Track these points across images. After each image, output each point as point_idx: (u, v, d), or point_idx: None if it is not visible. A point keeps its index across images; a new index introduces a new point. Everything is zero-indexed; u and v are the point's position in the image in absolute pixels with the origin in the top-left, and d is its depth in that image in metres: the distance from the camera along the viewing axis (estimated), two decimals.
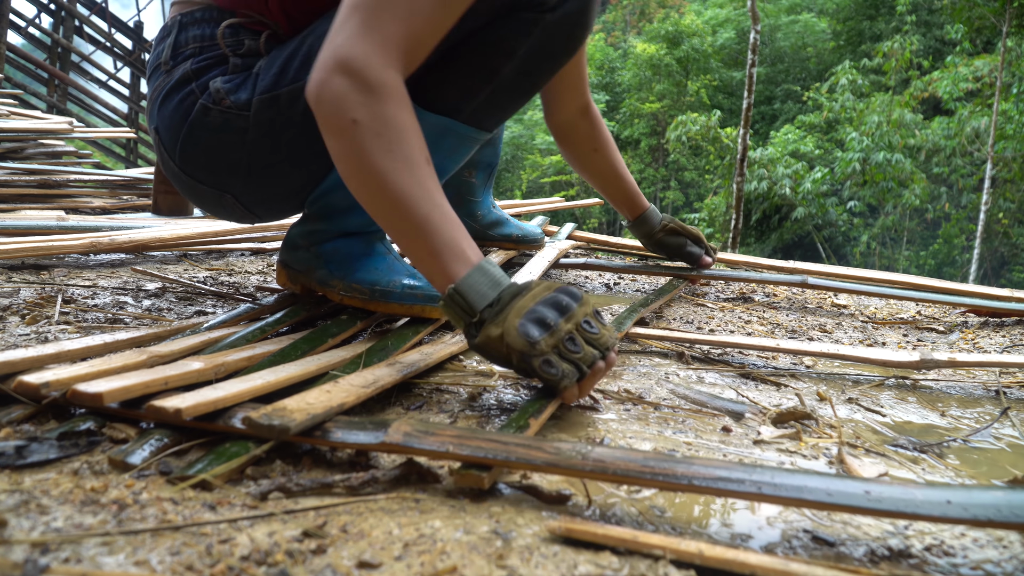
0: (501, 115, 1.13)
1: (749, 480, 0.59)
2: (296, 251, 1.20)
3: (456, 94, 1.08)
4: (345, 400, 0.75)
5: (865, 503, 0.57)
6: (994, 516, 0.54)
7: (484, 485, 0.65)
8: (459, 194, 1.74)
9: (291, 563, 0.52)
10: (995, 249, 15.55)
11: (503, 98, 1.10)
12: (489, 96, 1.08)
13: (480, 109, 1.10)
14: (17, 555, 0.50)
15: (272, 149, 1.10)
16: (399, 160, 0.85)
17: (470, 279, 0.86)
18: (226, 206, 1.20)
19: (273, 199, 1.19)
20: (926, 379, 1.20)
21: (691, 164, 18.98)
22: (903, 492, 0.57)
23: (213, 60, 1.09)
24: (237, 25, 1.10)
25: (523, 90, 1.11)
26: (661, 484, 0.61)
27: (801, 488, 0.58)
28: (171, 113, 1.11)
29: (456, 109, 1.08)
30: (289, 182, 1.15)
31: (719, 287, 1.93)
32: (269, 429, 0.66)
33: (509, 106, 1.13)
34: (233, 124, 1.08)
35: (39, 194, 2.57)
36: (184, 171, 1.16)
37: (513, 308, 0.84)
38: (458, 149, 1.14)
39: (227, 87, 1.07)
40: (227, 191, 1.17)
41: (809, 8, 23.34)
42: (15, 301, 1.25)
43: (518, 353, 0.82)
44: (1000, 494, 0.56)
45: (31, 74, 8.36)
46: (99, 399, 0.69)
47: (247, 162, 1.11)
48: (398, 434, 0.68)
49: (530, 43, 1.04)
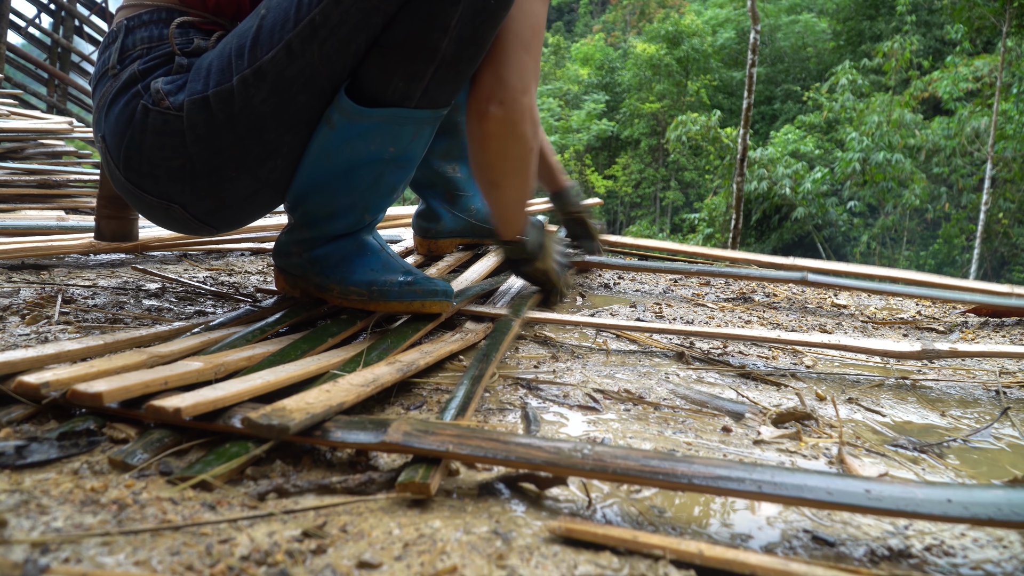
0: (454, 87, 1.10)
1: (749, 479, 0.59)
2: (289, 257, 1.19)
3: (402, 83, 1.04)
4: (345, 399, 0.75)
5: (866, 502, 0.57)
6: (994, 515, 0.54)
7: (430, 492, 0.63)
8: (448, 191, 1.74)
9: (291, 563, 0.52)
10: (995, 249, 15.55)
11: (450, 72, 1.06)
12: (435, 74, 1.05)
13: (430, 89, 1.06)
14: (17, 555, 0.50)
15: (212, 153, 1.03)
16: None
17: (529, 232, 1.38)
18: (176, 218, 1.13)
19: (226, 208, 1.11)
20: (926, 379, 1.20)
21: (691, 164, 18.99)
22: (903, 491, 0.57)
23: (160, 59, 1.05)
24: (188, 24, 1.07)
25: (468, 56, 1.07)
26: (661, 483, 0.61)
27: (801, 487, 0.58)
28: (116, 117, 1.06)
29: (405, 97, 1.05)
30: (237, 189, 1.08)
31: (719, 287, 1.93)
32: (268, 429, 0.66)
33: (459, 76, 1.09)
34: (172, 127, 1.02)
35: (39, 194, 2.57)
36: (129, 180, 1.10)
37: (549, 253, 1.45)
38: (420, 133, 1.12)
39: (167, 88, 1.03)
40: (174, 201, 1.10)
41: (809, 8, 23.34)
42: (15, 301, 1.25)
43: (552, 283, 1.48)
44: (1000, 493, 0.56)
45: (31, 74, 8.35)
46: (99, 399, 0.69)
47: (190, 168, 1.05)
48: (398, 433, 0.68)
49: (461, 9, 1.00)
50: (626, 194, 21.65)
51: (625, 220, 22.61)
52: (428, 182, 1.73)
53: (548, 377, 1.06)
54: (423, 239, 1.79)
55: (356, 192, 1.12)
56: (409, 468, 0.66)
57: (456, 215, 1.76)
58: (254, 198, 1.12)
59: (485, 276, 1.56)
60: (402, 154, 1.11)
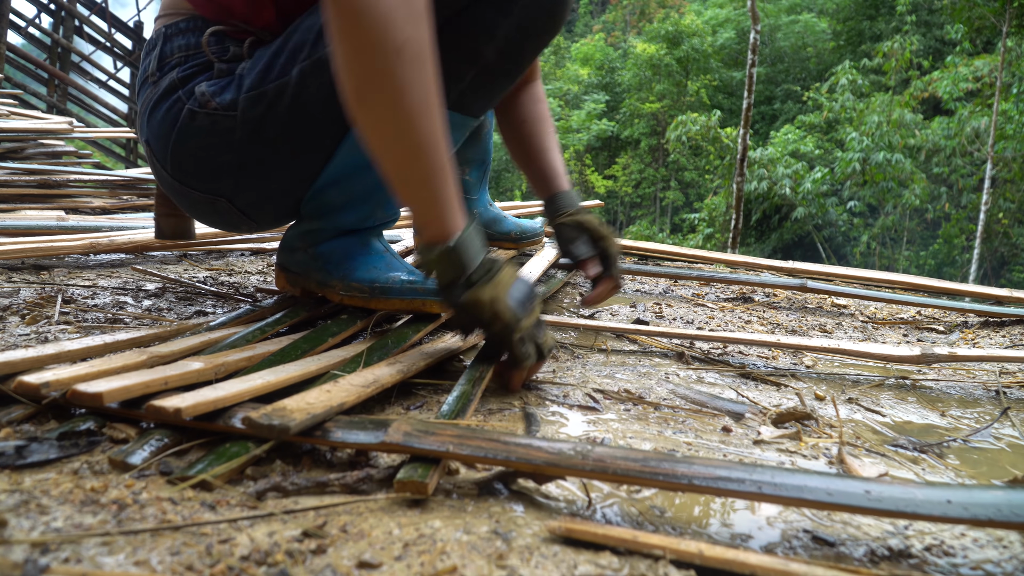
0: (487, 99, 1.11)
1: (749, 480, 0.59)
2: (294, 253, 1.20)
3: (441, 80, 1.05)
4: (345, 400, 0.75)
5: (865, 503, 0.57)
6: (994, 516, 0.54)
7: (427, 492, 0.63)
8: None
9: (291, 563, 0.52)
10: (995, 249, 15.55)
11: (487, 81, 1.08)
12: (474, 79, 1.06)
13: (466, 94, 1.08)
14: (17, 555, 0.50)
15: (260, 147, 1.09)
16: (432, 102, 0.83)
17: (468, 237, 0.89)
18: (221, 212, 1.19)
19: (266, 201, 1.17)
20: (926, 379, 1.20)
21: (691, 164, 19.00)
22: (903, 492, 0.57)
23: (199, 67, 1.11)
24: (221, 33, 1.11)
25: (507, 72, 1.08)
26: (661, 484, 0.61)
27: (801, 488, 0.58)
28: (160, 122, 1.13)
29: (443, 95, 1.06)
30: (280, 181, 1.14)
31: (719, 287, 1.93)
32: (269, 429, 0.66)
33: (495, 90, 1.10)
34: (220, 126, 1.09)
35: (39, 194, 2.57)
36: (176, 179, 1.17)
37: (501, 282, 0.91)
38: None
39: (212, 90, 1.09)
40: (220, 195, 1.16)
41: (809, 8, 23.34)
42: (15, 301, 1.25)
43: (504, 324, 0.90)
44: (1000, 494, 0.56)
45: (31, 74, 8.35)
46: (99, 399, 0.69)
47: (236, 162, 1.11)
48: (398, 434, 0.68)
49: (509, 21, 1.02)
50: (626, 194, 21.66)
51: (625, 220, 22.61)
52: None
53: (548, 377, 1.06)
54: None
55: (375, 184, 1.12)
56: (407, 467, 0.66)
57: None
58: (292, 192, 1.15)
59: None
60: None
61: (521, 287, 0.94)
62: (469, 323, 0.94)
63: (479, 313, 0.90)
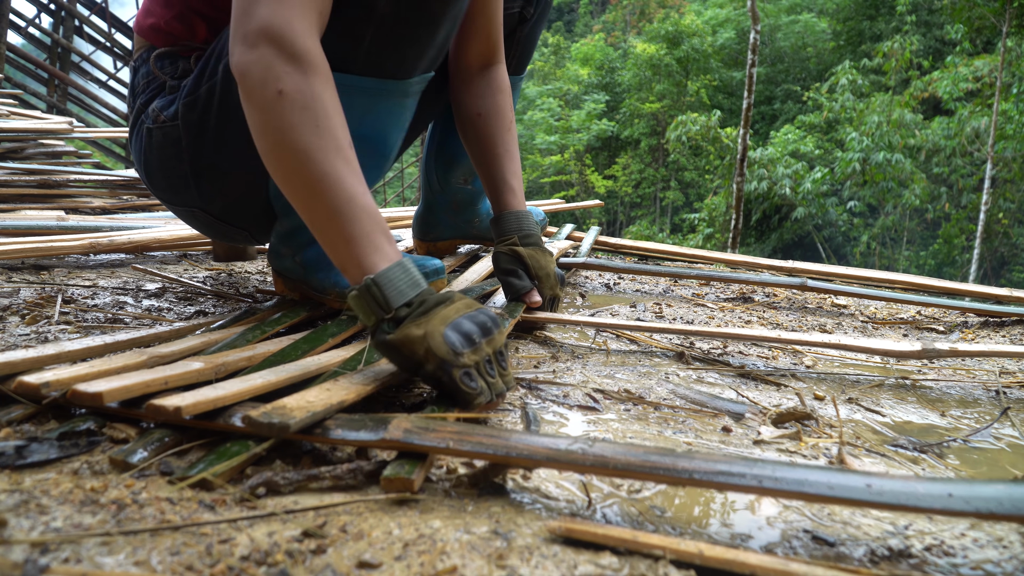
0: (400, 55, 1.03)
1: (750, 474, 0.59)
2: (282, 259, 1.20)
3: (341, 45, 1.00)
4: (345, 398, 0.75)
5: (867, 496, 0.56)
6: (995, 509, 0.54)
7: (414, 488, 0.64)
8: (456, 202, 1.70)
9: (291, 563, 0.52)
10: (995, 249, 15.55)
11: (392, 35, 1.01)
12: (375, 37, 1.00)
13: (372, 54, 1.02)
14: (17, 555, 0.50)
15: (206, 150, 1.12)
16: (325, 138, 0.83)
17: (390, 273, 0.83)
18: (204, 222, 1.24)
19: (234, 204, 1.19)
20: (926, 379, 1.20)
21: (691, 164, 18.99)
22: (904, 485, 0.57)
23: (155, 89, 1.18)
24: (173, 54, 1.17)
25: (412, 20, 1.01)
26: (662, 478, 0.61)
27: (802, 482, 0.58)
28: (135, 147, 1.21)
29: (348, 60, 1.01)
30: (236, 182, 1.14)
31: (719, 287, 1.93)
32: (269, 427, 0.66)
33: (405, 42, 1.03)
34: (170, 137, 1.13)
35: (39, 194, 2.57)
36: (159, 198, 1.24)
37: (438, 314, 0.82)
38: (373, 109, 1.07)
39: (161, 104, 1.15)
40: (192, 206, 1.21)
41: (809, 8, 23.34)
42: (15, 301, 1.25)
43: (438, 360, 0.79)
44: (1002, 487, 0.56)
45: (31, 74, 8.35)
46: (99, 399, 0.69)
47: (191, 171, 1.15)
48: (398, 431, 0.68)
49: None
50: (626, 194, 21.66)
51: (625, 220, 22.62)
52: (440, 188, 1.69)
53: (548, 377, 1.06)
54: (422, 241, 1.78)
55: None
56: (395, 463, 0.66)
57: (458, 224, 1.75)
58: (253, 191, 1.15)
59: (485, 277, 1.56)
60: (359, 128, 1.06)
61: (474, 318, 0.84)
62: (404, 364, 0.83)
63: (408, 353, 0.81)
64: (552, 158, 20.54)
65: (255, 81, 0.83)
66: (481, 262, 1.66)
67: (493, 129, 1.30)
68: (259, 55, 0.83)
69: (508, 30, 1.49)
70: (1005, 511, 0.54)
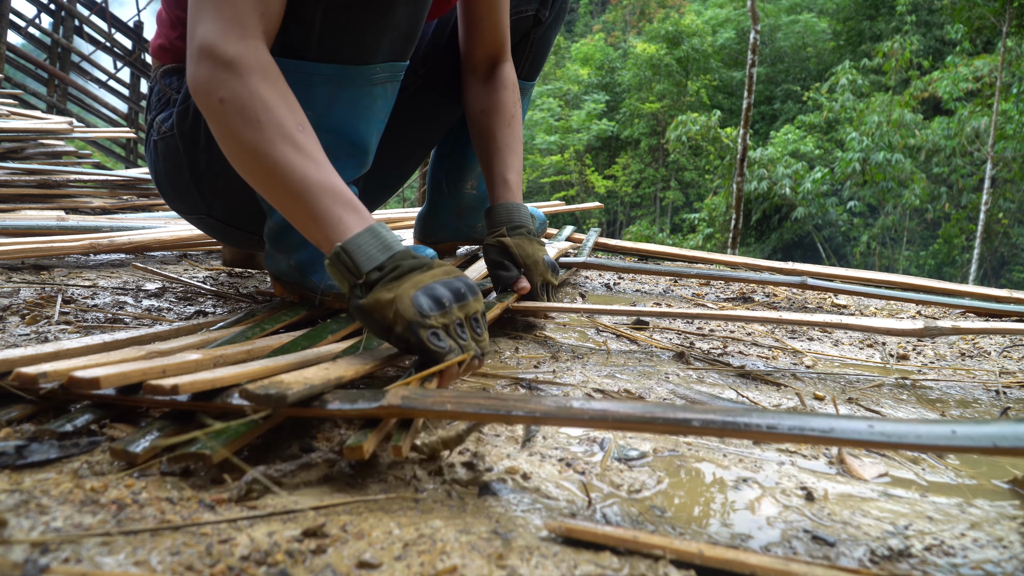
0: (354, 38, 1.02)
1: (749, 422, 0.59)
2: (278, 263, 1.20)
3: (294, 30, 0.99)
4: (343, 374, 0.75)
5: (868, 436, 0.56)
6: (999, 443, 0.54)
7: (364, 455, 0.63)
8: (462, 207, 1.69)
9: (291, 563, 0.52)
10: (995, 249, 15.56)
11: (342, 16, 0.99)
12: (324, 19, 0.99)
13: (325, 38, 1.00)
14: (17, 555, 0.50)
15: (201, 156, 1.17)
16: (267, 130, 0.86)
17: (359, 239, 0.85)
18: (213, 227, 1.29)
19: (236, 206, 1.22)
20: (926, 379, 1.20)
21: (691, 164, 19.00)
22: (907, 427, 0.57)
23: (163, 104, 1.23)
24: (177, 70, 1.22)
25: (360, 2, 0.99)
26: (660, 427, 0.60)
27: (801, 427, 0.58)
28: (149, 162, 1.27)
29: (303, 47, 1.01)
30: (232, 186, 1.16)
31: (719, 287, 1.93)
32: (267, 399, 0.65)
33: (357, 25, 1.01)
34: (171, 147, 1.19)
35: (39, 194, 2.57)
36: (174, 208, 1.29)
37: (410, 279, 0.83)
38: (337, 97, 1.05)
39: (163, 117, 1.21)
40: (199, 212, 1.26)
41: (809, 8, 23.35)
42: (15, 301, 1.25)
43: (405, 322, 0.80)
44: (1005, 425, 0.56)
45: (31, 74, 8.36)
46: (96, 383, 0.69)
47: (192, 177, 1.20)
48: (396, 398, 0.67)
49: None
50: (626, 194, 21.67)
51: (625, 220, 22.62)
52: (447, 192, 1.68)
53: (548, 377, 1.06)
54: (423, 242, 1.78)
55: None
56: (356, 434, 0.66)
57: (460, 228, 1.75)
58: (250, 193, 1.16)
59: (485, 276, 1.56)
60: (324, 119, 1.05)
61: (449, 284, 0.85)
62: (376, 329, 0.84)
63: (378, 317, 0.82)
64: (552, 158, 20.55)
65: (202, 94, 0.88)
66: (480, 262, 1.67)
67: (493, 124, 1.32)
68: (201, 70, 0.88)
69: (522, 33, 1.47)
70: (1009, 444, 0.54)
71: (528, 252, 1.27)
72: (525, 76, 1.54)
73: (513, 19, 1.45)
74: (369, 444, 0.65)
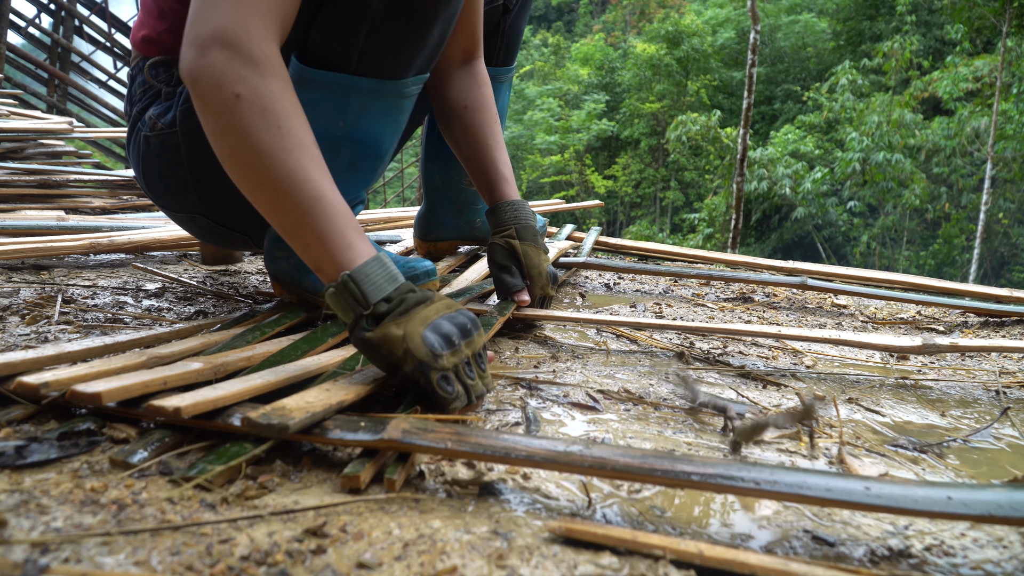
0: (395, 54, 1.03)
1: (748, 477, 0.59)
2: (278, 263, 1.20)
3: (336, 44, 1.01)
4: (344, 398, 0.75)
5: (865, 499, 0.56)
6: (995, 512, 0.54)
7: (360, 485, 0.65)
8: (459, 202, 1.70)
9: (291, 563, 0.52)
10: (995, 249, 15.55)
11: (386, 34, 1.01)
12: (369, 35, 1.00)
13: (367, 53, 1.02)
14: (17, 555, 0.50)
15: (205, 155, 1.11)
16: (288, 139, 0.82)
17: (367, 268, 0.82)
18: (205, 228, 1.25)
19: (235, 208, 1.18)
20: (926, 379, 1.20)
21: (691, 164, 18.99)
22: (904, 489, 0.57)
23: (151, 97, 1.19)
24: (167, 62, 1.17)
25: (406, 19, 1.00)
26: (660, 480, 0.61)
27: (800, 484, 0.58)
28: (132, 155, 1.22)
29: (344, 60, 1.02)
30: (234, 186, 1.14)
31: (719, 287, 1.93)
32: (268, 428, 0.66)
33: (398, 42, 1.02)
34: (168, 144, 1.15)
35: (39, 194, 2.57)
36: (157, 204, 1.25)
37: (418, 314, 0.81)
38: (369, 108, 1.07)
39: (158, 112, 1.16)
40: (193, 212, 1.22)
41: (809, 8, 23.34)
42: (15, 301, 1.25)
43: (417, 362, 0.78)
44: (1001, 491, 0.56)
45: (31, 74, 8.35)
46: (98, 399, 0.69)
47: (191, 176, 1.16)
48: (397, 431, 0.68)
49: None
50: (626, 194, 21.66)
51: (625, 220, 22.62)
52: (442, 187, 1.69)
53: (548, 377, 1.06)
54: (423, 241, 1.78)
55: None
56: (355, 462, 0.67)
57: (459, 225, 1.75)
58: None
59: (485, 276, 1.56)
60: (354, 130, 1.08)
61: (454, 319, 0.84)
62: (382, 364, 0.82)
63: (387, 352, 0.80)
64: (552, 158, 20.54)
65: (208, 86, 0.81)
66: (480, 262, 1.67)
67: (481, 121, 1.30)
68: (212, 60, 0.81)
69: (493, 23, 1.50)
70: (1004, 514, 0.54)
71: (534, 263, 1.27)
72: (502, 62, 1.56)
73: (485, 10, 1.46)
74: (366, 475, 0.66)
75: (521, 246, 1.26)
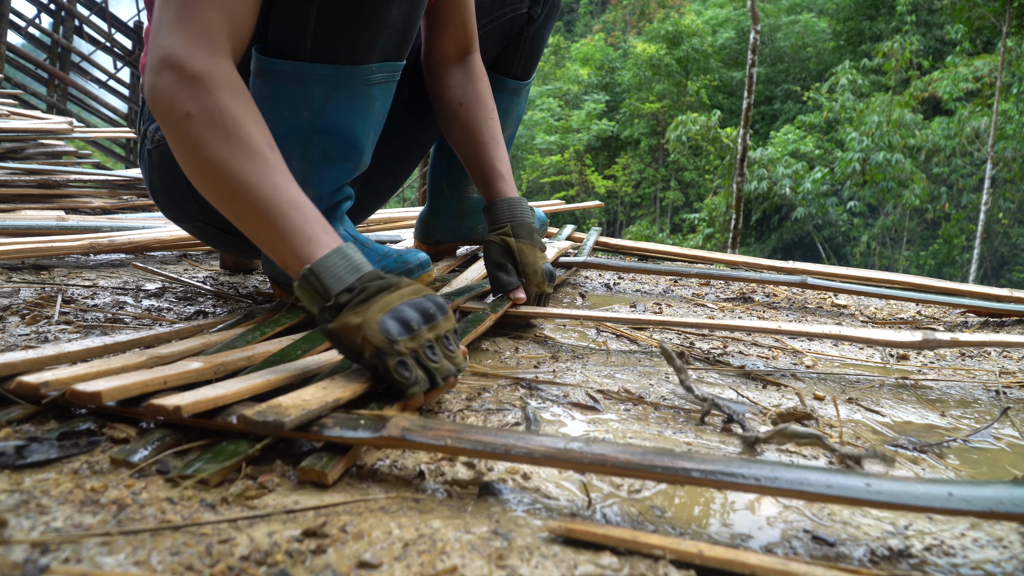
0: (349, 37, 1.01)
1: (748, 473, 0.59)
2: (273, 265, 1.21)
3: (289, 30, 1.00)
4: (341, 396, 0.75)
5: (865, 495, 0.56)
6: (996, 508, 0.54)
7: (328, 481, 0.65)
8: (462, 209, 1.70)
9: (291, 563, 0.52)
10: (995, 249, 15.55)
11: (336, 15, 0.99)
12: (319, 18, 0.99)
13: (321, 38, 1.00)
14: (17, 555, 0.50)
15: None
16: (237, 148, 0.84)
17: (327, 260, 0.82)
18: (211, 235, 1.26)
19: None
20: (926, 379, 1.20)
21: (691, 164, 18.99)
22: (904, 486, 0.57)
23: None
24: None
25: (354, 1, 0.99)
26: (660, 476, 0.60)
27: (800, 481, 0.58)
28: (143, 172, 1.25)
29: (298, 47, 1.01)
30: None
31: (719, 287, 1.93)
32: (264, 425, 0.66)
33: (351, 25, 1.00)
34: (166, 155, 1.15)
35: (39, 194, 2.57)
36: (169, 216, 1.27)
37: (378, 302, 0.80)
38: (333, 97, 1.05)
39: (156, 126, 1.17)
40: (196, 220, 1.23)
41: (809, 8, 23.34)
42: (15, 301, 1.25)
43: (373, 348, 0.78)
44: (1002, 488, 0.56)
45: (31, 74, 8.36)
46: (97, 398, 0.69)
47: (187, 185, 1.15)
48: (396, 429, 0.68)
49: None
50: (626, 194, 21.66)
51: (625, 220, 22.62)
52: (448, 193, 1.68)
53: (548, 377, 1.06)
54: (424, 243, 1.78)
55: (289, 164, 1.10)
56: (313, 455, 0.67)
57: (461, 230, 1.75)
58: None
59: (485, 275, 1.56)
60: (319, 120, 1.06)
61: (418, 305, 0.82)
62: (348, 353, 0.82)
63: (348, 341, 0.80)
64: (552, 158, 20.54)
65: (163, 108, 0.85)
66: (480, 261, 1.67)
67: (477, 117, 1.29)
68: (163, 83, 0.84)
69: (515, 31, 1.47)
70: (1005, 509, 0.54)
71: (530, 261, 1.26)
72: (520, 75, 1.52)
73: (507, 17, 1.44)
74: (334, 473, 0.66)
75: (516, 243, 1.25)
